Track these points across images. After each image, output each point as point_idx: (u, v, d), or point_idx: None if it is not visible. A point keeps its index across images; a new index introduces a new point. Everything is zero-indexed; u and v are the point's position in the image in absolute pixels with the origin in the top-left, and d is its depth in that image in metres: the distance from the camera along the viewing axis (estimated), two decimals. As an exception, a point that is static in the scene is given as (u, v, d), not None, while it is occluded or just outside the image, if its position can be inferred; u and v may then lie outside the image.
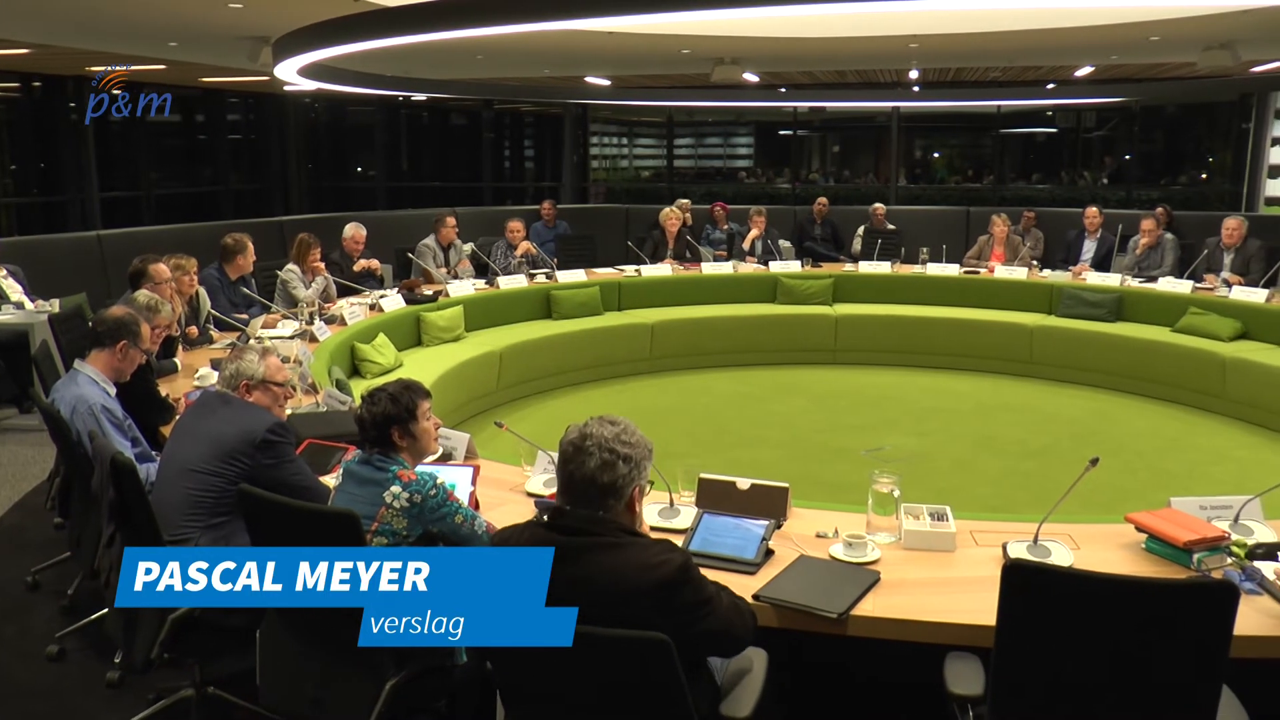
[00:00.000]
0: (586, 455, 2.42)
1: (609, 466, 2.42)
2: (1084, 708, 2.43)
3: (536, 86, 14.99)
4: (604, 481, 2.42)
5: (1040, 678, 2.45)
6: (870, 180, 18.64)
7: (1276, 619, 2.88)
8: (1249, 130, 14.67)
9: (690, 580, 2.41)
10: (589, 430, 2.46)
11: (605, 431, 2.45)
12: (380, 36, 6.32)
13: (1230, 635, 2.32)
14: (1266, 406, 7.47)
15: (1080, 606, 2.38)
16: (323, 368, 5.91)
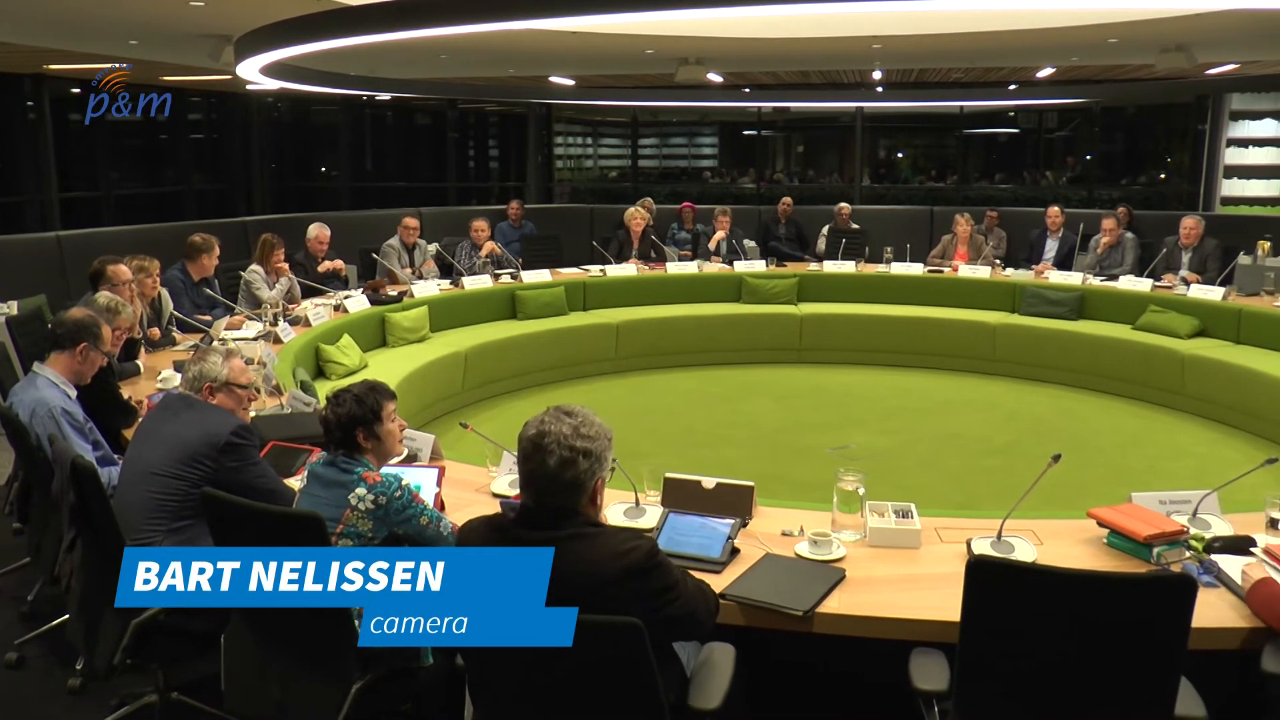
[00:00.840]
0: (546, 453, 2.41)
1: (569, 463, 2.41)
2: (1047, 700, 2.46)
3: (501, 86, 14.95)
4: (566, 478, 2.42)
5: (1004, 672, 2.47)
6: (835, 180, 18.71)
7: (1233, 611, 2.92)
8: (1205, 131, 14.86)
9: (658, 565, 2.44)
10: (547, 427, 2.45)
11: (563, 427, 2.44)
12: (343, 35, 6.28)
13: (1189, 627, 2.36)
14: (1223, 403, 7.59)
15: (1043, 601, 2.40)
16: (287, 369, 5.87)
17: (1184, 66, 9.83)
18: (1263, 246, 10.12)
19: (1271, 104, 14.19)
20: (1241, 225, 11.66)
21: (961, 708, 2.53)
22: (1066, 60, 11.82)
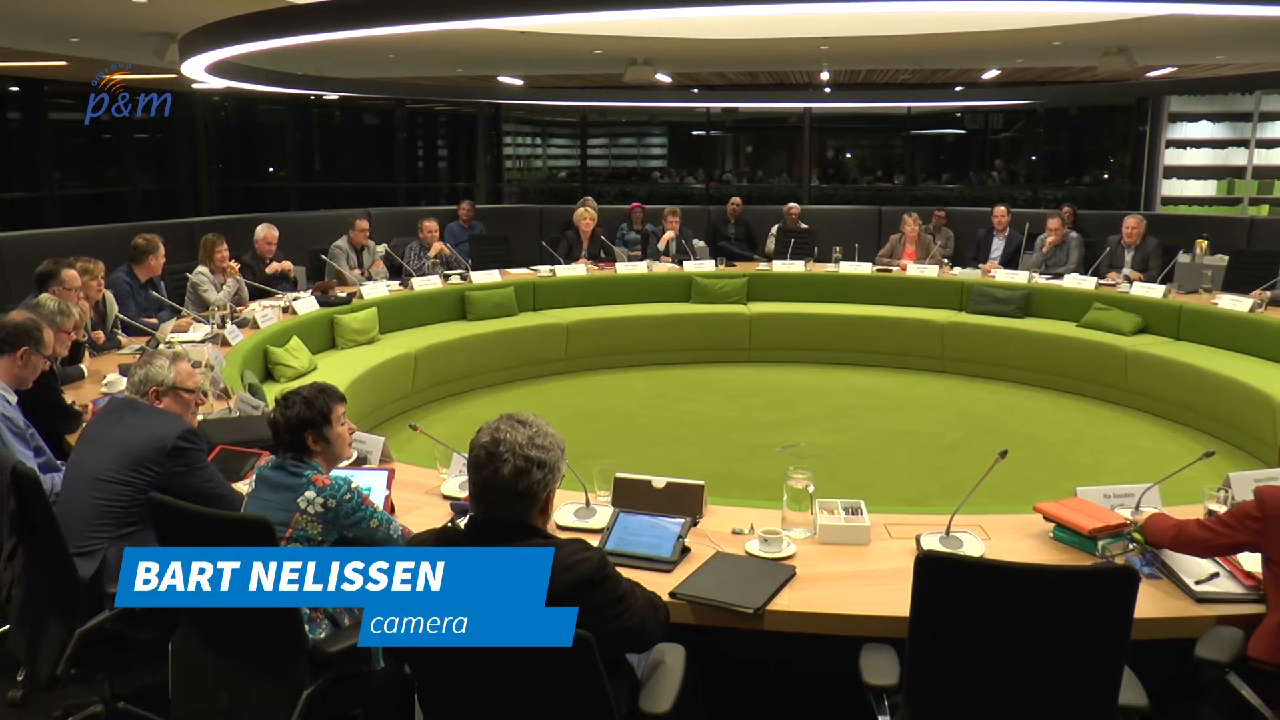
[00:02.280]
0: (500, 462, 2.38)
1: (523, 474, 2.38)
2: (995, 692, 2.49)
3: (450, 86, 14.86)
4: (519, 489, 2.39)
5: (953, 665, 2.50)
6: (783, 180, 18.79)
7: (1174, 601, 2.99)
8: (1145, 132, 15.10)
9: (607, 578, 2.42)
10: (501, 435, 2.41)
11: (518, 436, 2.41)
12: (289, 34, 6.21)
13: (1131, 618, 2.40)
14: (1165, 398, 7.72)
15: (990, 595, 2.43)
16: (235, 372, 5.81)
17: (1125, 69, 9.98)
18: (1201, 245, 10.33)
19: (1208, 106, 14.44)
20: (1181, 225, 11.89)
21: (911, 701, 2.56)
22: (1011, 62, 11.96)
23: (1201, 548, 3.01)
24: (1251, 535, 2.84)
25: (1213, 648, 2.74)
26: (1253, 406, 6.84)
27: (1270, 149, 14.20)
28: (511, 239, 10.99)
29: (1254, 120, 14.16)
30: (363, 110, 17.84)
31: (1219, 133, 14.48)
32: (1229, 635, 2.78)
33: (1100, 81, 13.26)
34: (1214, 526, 2.94)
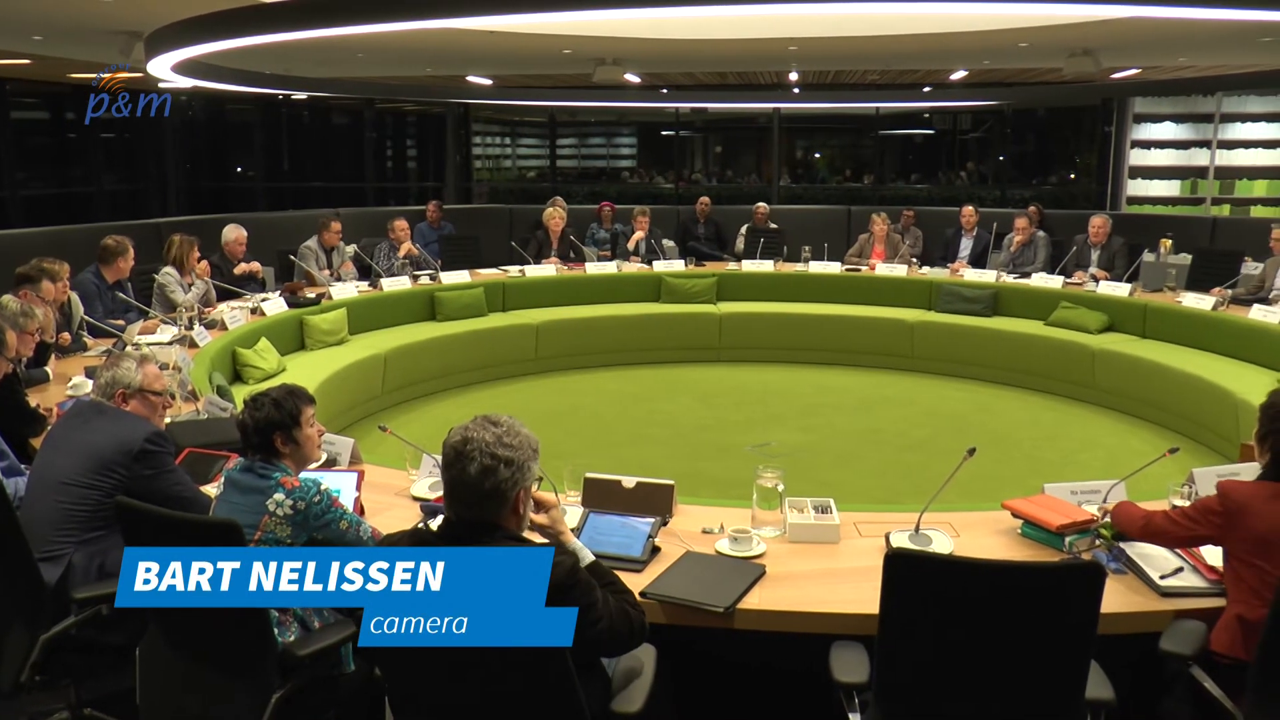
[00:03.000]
0: (468, 460, 2.38)
1: (490, 472, 2.38)
2: (964, 688, 2.50)
3: (419, 86, 14.82)
4: (486, 487, 2.38)
5: (922, 662, 2.51)
6: (753, 180, 18.84)
7: (1139, 596, 3.03)
8: (1110, 133, 15.24)
9: (579, 584, 2.40)
10: (470, 434, 2.41)
11: (486, 435, 2.40)
12: (257, 33, 6.18)
13: (1098, 613, 2.42)
14: (1131, 395, 7.80)
15: (959, 591, 2.45)
16: (203, 374, 5.77)
17: (1090, 71, 10.07)
18: (1165, 244, 10.44)
19: (1171, 107, 14.60)
20: (1146, 224, 12.01)
21: (881, 698, 2.57)
22: (979, 63, 12.04)
23: (1166, 539, 3.06)
24: (1213, 529, 2.89)
25: (1177, 641, 2.78)
26: (1215, 403, 6.92)
27: (1231, 149, 14.37)
28: (481, 239, 10.95)
29: (1215, 121, 14.32)
30: (331, 110, 17.76)
31: (1182, 133, 14.64)
32: (1192, 629, 2.82)
33: (1066, 83, 13.37)
34: (1178, 519, 2.99)
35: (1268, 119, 14.27)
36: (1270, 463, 2.92)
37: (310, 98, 16.09)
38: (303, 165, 17.92)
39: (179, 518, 2.93)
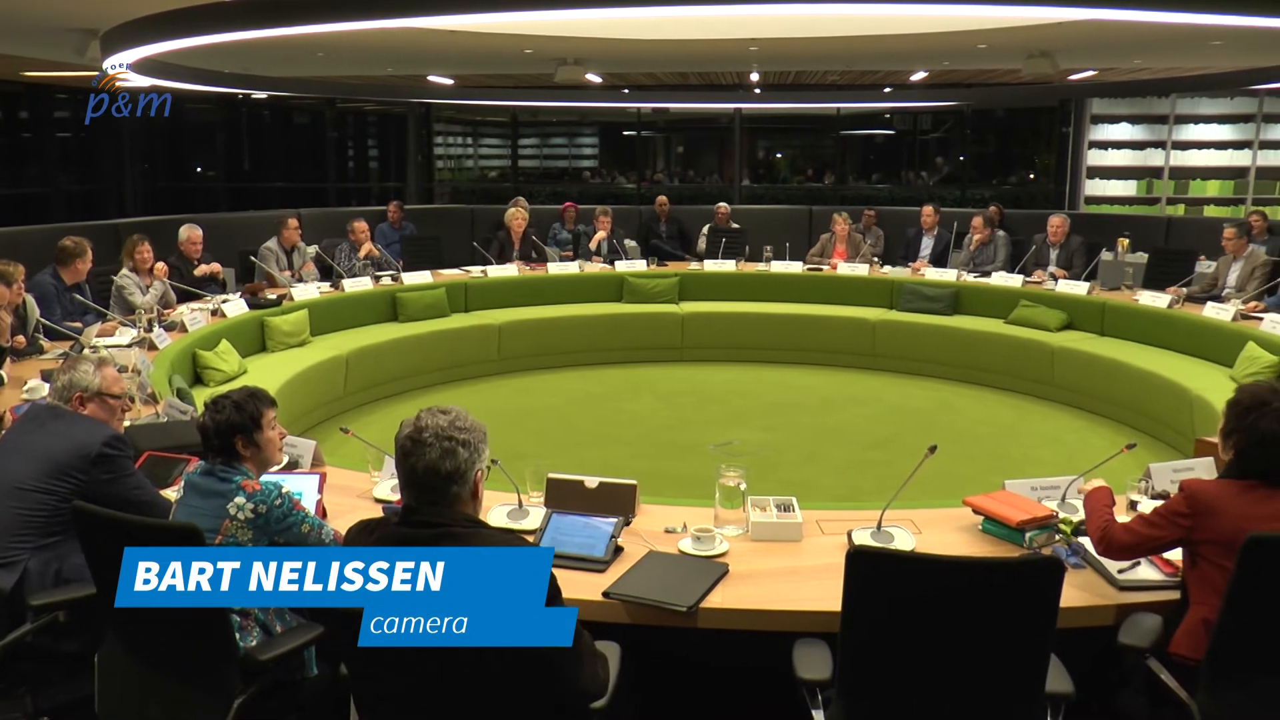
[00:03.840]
0: (425, 447, 2.40)
1: (449, 454, 2.40)
2: (926, 683, 2.52)
3: (380, 85, 14.73)
4: (447, 469, 2.40)
5: (885, 658, 2.53)
6: (714, 180, 18.89)
7: (1098, 590, 3.06)
8: (1069, 134, 15.40)
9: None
10: (423, 423, 2.43)
11: (439, 421, 2.43)
12: (216, 31, 6.10)
13: (1057, 607, 2.45)
14: (1090, 392, 7.90)
15: (921, 588, 2.47)
16: (163, 376, 5.71)
17: (1048, 72, 10.16)
18: (1122, 243, 10.57)
19: (1128, 108, 14.77)
20: (1103, 224, 12.15)
21: (844, 694, 2.58)
22: (938, 64, 12.12)
23: (1130, 553, 3.02)
24: (1182, 532, 2.87)
25: (1134, 634, 2.81)
26: (1171, 399, 7.01)
27: (1185, 150, 14.57)
28: (443, 239, 10.91)
29: (1170, 123, 14.51)
30: (292, 109, 17.62)
31: (1138, 134, 14.82)
32: (1149, 622, 2.86)
33: (1025, 84, 13.49)
34: (1141, 530, 2.95)
35: (1219, 121, 14.49)
36: (1235, 459, 2.93)
37: (271, 97, 15.95)
38: (264, 165, 17.78)
39: (138, 522, 2.89)
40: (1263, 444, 2.84)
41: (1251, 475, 2.87)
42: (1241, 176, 14.35)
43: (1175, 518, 2.87)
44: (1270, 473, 2.86)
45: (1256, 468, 2.87)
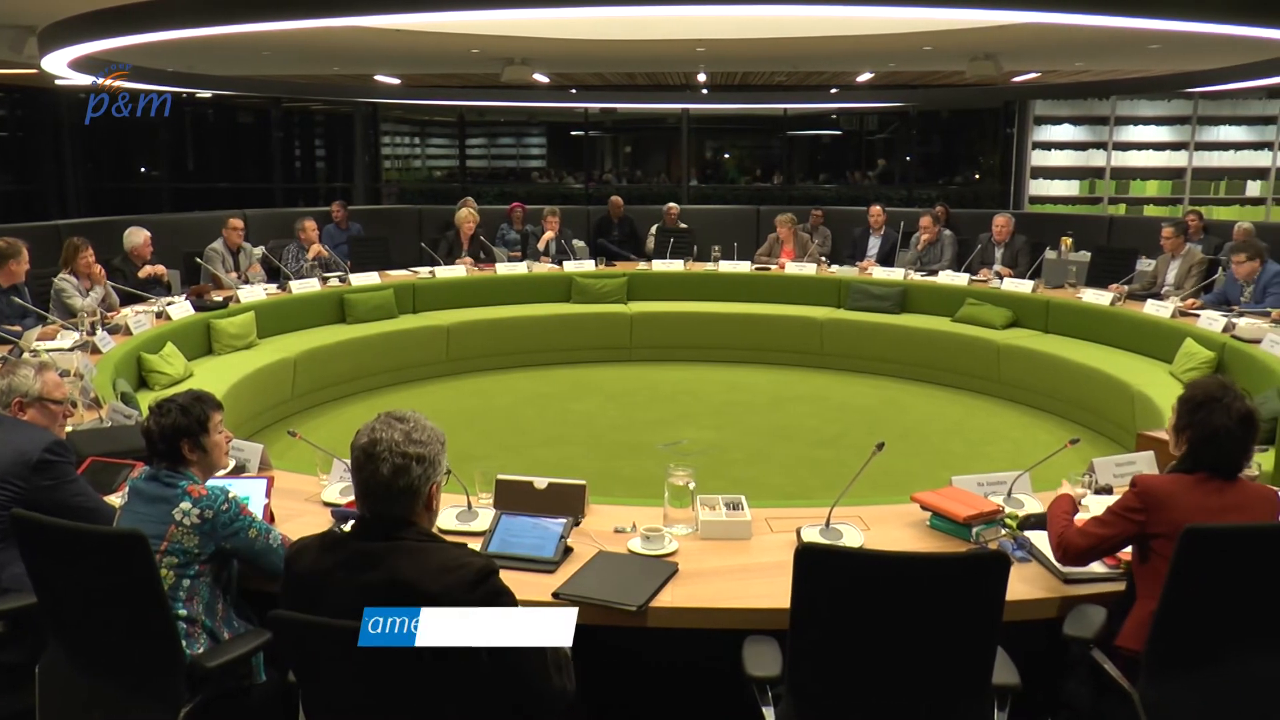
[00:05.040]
0: (379, 461, 2.37)
1: (402, 471, 2.38)
2: (875, 677, 2.54)
3: (326, 84, 14.61)
4: (400, 486, 2.38)
5: (833, 653, 2.54)
6: (662, 180, 18.92)
7: (1043, 583, 3.10)
8: (1012, 135, 15.61)
9: (488, 584, 2.37)
10: (378, 435, 2.40)
11: (395, 434, 2.40)
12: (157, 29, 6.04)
13: (1003, 600, 2.48)
14: (1034, 388, 8.01)
15: (868, 584, 2.48)
16: (106, 380, 5.62)
17: (992, 74, 10.28)
18: (1065, 242, 10.70)
19: (1070, 110, 14.99)
20: (1047, 223, 12.32)
21: (794, 691, 2.59)
22: (884, 66, 12.22)
23: (1087, 557, 3.01)
24: (1136, 528, 2.88)
25: (1078, 625, 2.86)
26: (1113, 394, 7.13)
27: (1125, 151, 14.82)
28: (390, 240, 10.85)
29: (1110, 124, 14.74)
30: (238, 109, 17.42)
31: (1080, 135, 15.05)
32: (1093, 613, 2.90)
33: (969, 85, 13.66)
34: (1095, 530, 2.96)
35: (1157, 122, 14.75)
36: (1187, 454, 2.95)
37: (215, 96, 15.76)
38: (208, 165, 17.56)
39: (81, 529, 2.84)
40: (1215, 439, 2.88)
41: (1203, 469, 2.91)
42: (1179, 177, 14.61)
43: (1128, 513, 2.89)
44: (1221, 466, 2.90)
45: (1208, 462, 2.91)
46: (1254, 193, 14.40)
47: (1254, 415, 2.92)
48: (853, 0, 5.85)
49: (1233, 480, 2.91)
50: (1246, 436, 2.89)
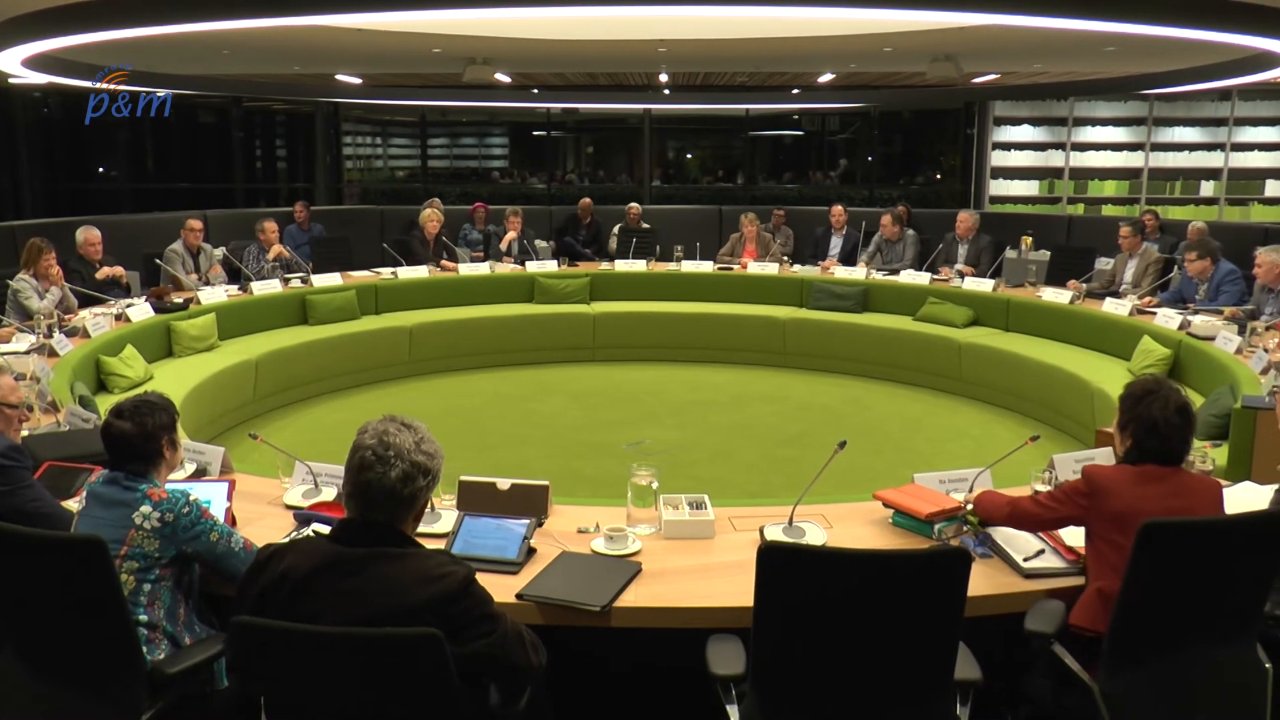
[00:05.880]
0: (389, 465, 2.34)
1: (410, 479, 2.35)
2: (838, 675, 2.55)
3: (287, 84, 14.50)
4: (405, 494, 2.35)
5: (796, 651, 2.55)
6: (625, 180, 18.93)
7: (1004, 579, 3.13)
8: (973, 135, 15.73)
9: (472, 594, 2.38)
10: (390, 439, 2.37)
11: (406, 440, 2.37)
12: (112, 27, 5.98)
13: (965, 597, 2.50)
14: (995, 386, 8.09)
15: (832, 581, 2.49)
16: (64, 384, 5.55)
17: (952, 75, 10.35)
18: (1025, 242, 10.83)
19: (1029, 111, 15.13)
20: (1007, 222, 12.44)
21: (757, 689, 2.60)
22: (845, 67, 12.27)
23: (1034, 523, 3.18)
24: (1080, 511, 3.02)
25: (1039, 620, 2.89)
26: (1073, 392, 7.20)
27: (1084, 151, 14.97)
28: (352, 240, 10.78)
29: (1069, 125, 14.89)
30: (197, 108, 17.25)
31: (1039, 136, 15.19)
32: (1053, 608, 2.94)
33: (930, 86, 13.75)
34: (1046, 503, 3.12)
35: (1114, 123, 14.91)
36: (1132, 446, 3.06)
37: (175, 95, 15.60)
38: (168, 165, 17.38)
39: (38, 535, 2.79)
40: (1154, 429, 2.99)
41: (1147, 460, 3.01)
42: (1136, 177, 14.78)
43: (1076, 496, 3.03)
44: (1163, 454, 3.01)
45: (1151, 450, 3.01)
46: (1208, 193, 14.60)
47: (1189, 406, 3.04)
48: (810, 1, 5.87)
49: (1175, 469, 3.02)
50: (1185, 424, 3.01)
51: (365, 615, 2.23)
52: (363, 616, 2.23)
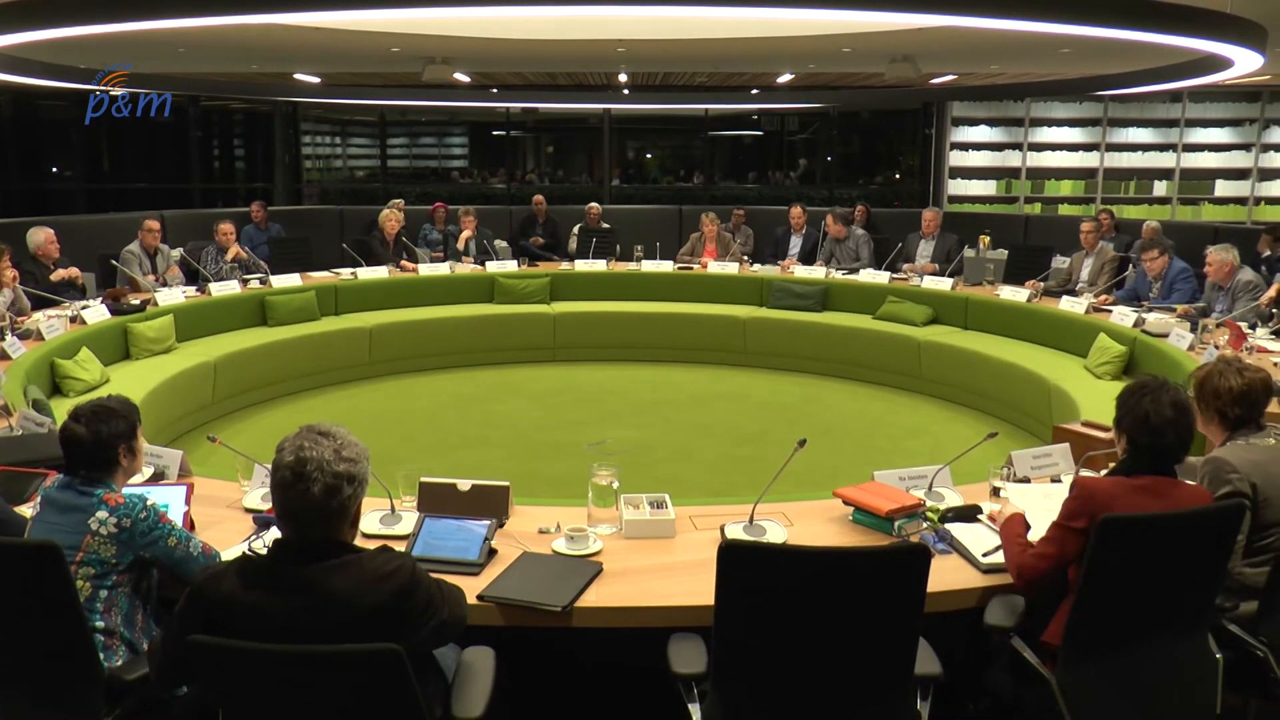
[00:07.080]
0: (309, 482, 2.26)
1: (335, 491, 2.28)
2: (800, 672, 2.57)
3: (245, 83, 14.36)
4: (333, 506, 2.28)
5: (758, 649, 2.56)
6: (584, 180, 18.91)
7: (964, 574, 3.17)
8: (931, 135, 15.85)
9: (421, 581, 2.37)
10: (306, 453, 2.29)
11: (324, 452, 2.29)
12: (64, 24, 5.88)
13: (924, 592, 2.52)
14: (954, 383, 8.16)
15: (792, 579, 2.50)
16: (17, 387, 5.47)
17: (910, 76, 10.43)
18: (984, 241, 10.93)
19: (986, 111, 15.26)
20: (966, 221, 12.54)
21: (719, 688, 2.61)
22: (804, 67, 12.34)
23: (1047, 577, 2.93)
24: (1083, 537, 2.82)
25: (998, 614, 2.92)
26: (1030, 389, 7.28)
27: (1040, 151, 15.12)
28: (311, 240, 10.71)
29: (1025, 125, 15.04)
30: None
31: (996, 136, 15.32)
32: (1012, 602, 2.97)
33: (888, 87, 13.84)
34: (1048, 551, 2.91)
35: (1070, 124, 15.08)
36: (1129, 451, 2.97)
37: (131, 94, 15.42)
38: (124, 165, 17.17)
39: (-11, 540, 2.77)
40: (1147, 424, 2.89)
41: (1141, 469, 2.92)
42: (1091, 177, 14.96)
43: (1073, 522, 2.87)
44: (1158, 455, 2.91)
45: (1145, 455, 2.91)
46: (1160, 192, 14.80)
47: (1185, 404, 2.94)
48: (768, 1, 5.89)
49: (1171, 478, 2.92)
50: (1178, 420, 2.89)
51: (322, 628, 2.21)
52: (320, 629, 2.21)
